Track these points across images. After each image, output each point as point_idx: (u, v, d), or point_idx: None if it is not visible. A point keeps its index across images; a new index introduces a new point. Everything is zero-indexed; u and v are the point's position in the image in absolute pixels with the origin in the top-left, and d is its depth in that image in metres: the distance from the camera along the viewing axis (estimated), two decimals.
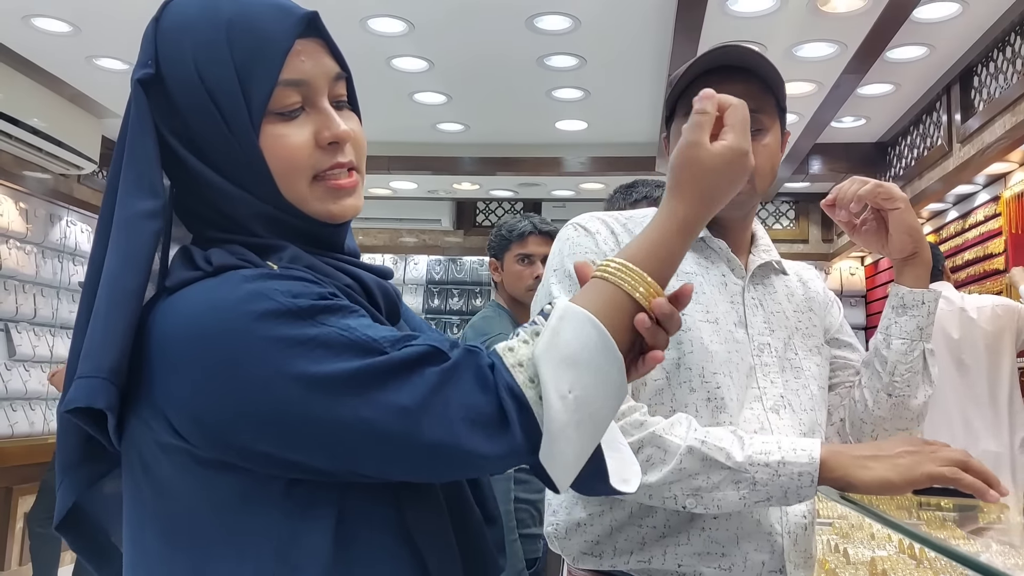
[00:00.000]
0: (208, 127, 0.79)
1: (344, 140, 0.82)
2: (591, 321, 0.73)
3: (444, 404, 0.70)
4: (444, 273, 7.46)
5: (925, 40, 3.88)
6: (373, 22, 3.78)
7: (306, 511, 0.75)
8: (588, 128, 5.24)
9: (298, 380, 0.69)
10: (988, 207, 4.61)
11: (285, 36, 0.78)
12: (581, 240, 1.28)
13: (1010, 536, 1.45)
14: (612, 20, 3.69)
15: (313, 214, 0.82)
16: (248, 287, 0.73)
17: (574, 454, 0.73)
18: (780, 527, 1.20)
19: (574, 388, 0.71)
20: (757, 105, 1.24)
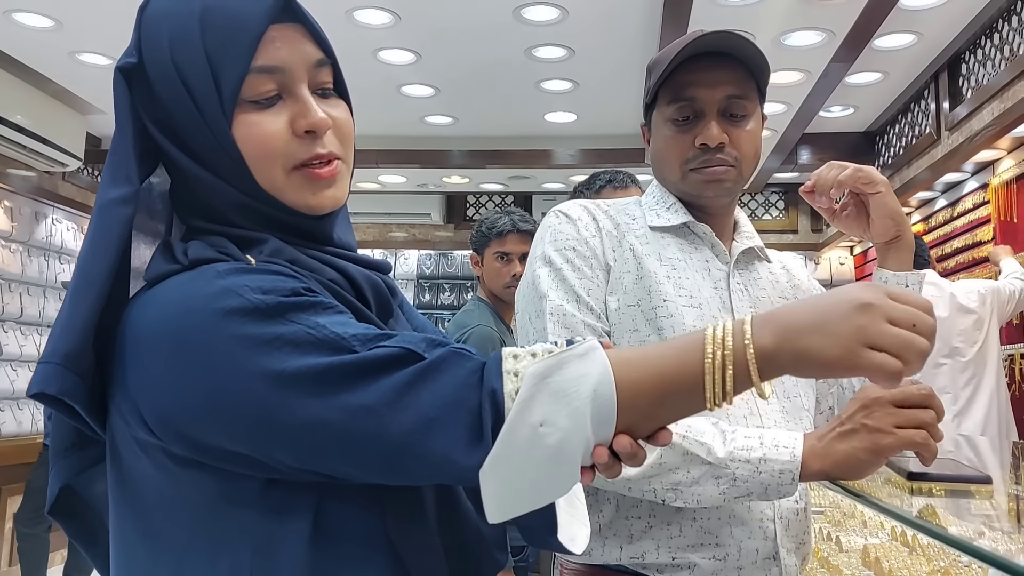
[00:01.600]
0: (185, 116, 0.77)
1: (321, 128, 0.79)
2: (606, 375, 0.67)
3: (414, 406, 0.67)
4: (435, 267, 7.44)
5: (912, 27, 3.88)
6: (359, 14, 3.75)
7: (283, 512, 0.73)
8: (577, 120, 5.22)
9: (262, 378, 0.68)
10: (977, 195, 4.62)
11: (258, 22, 0.76)
12: (563, 227, 1.26)
13: (1001, 522, 1.44)
14: (600, 10, 3.67)
15: (291, 204, 0.79)
16: (219, 283, 0.71)
17: (517, 488, 0.67)
18: (772, 513, 1.20)
19: (547, 424, 0.66)
20: (741, 91, 1.24)
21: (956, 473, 1.59)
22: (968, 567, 1.90)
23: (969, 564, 1.91)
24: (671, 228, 1.30)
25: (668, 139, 1.27)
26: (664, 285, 1.23)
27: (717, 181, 1.25)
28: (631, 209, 1.34)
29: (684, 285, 1.25)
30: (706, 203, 1.30)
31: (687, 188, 1.28)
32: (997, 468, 2.06)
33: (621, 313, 1.22)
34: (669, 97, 1.26)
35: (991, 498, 1.54)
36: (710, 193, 1.27)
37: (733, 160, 1.25)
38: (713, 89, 1.23)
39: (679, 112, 1.25)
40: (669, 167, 1.29)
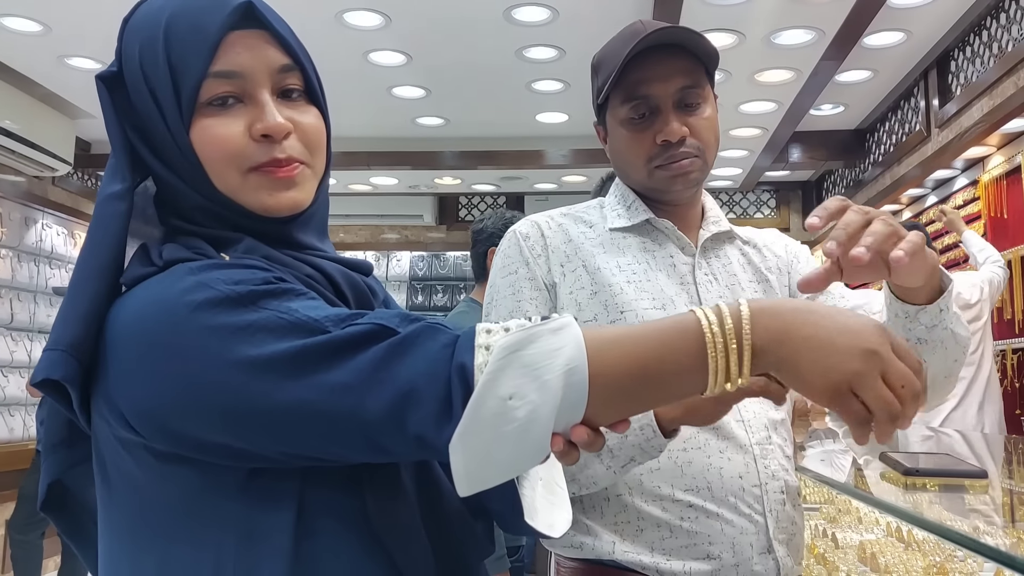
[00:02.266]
0: (151, 121, 0.80)
1: (277, 132, 0.79)
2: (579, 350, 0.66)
3: (390, 381, 0.67)
4: (427, 269, 7.43)
5: (902, 25, 3.90)
6: (349, 16, 3.74)
7: (266, 502, 0.74)
8: (569, 120, 5.22)
9: (238, 365, 0.69)
10: (967, 191, 4.65)
11: (217, 28, 0.78)
12: (510, 251, 1.29)
13: (996, 516, 1.45)
14: (590, 10, 3.68)
15: (249, 207, 0.80)
16: (191, 279, 0.73)
17: (485, 461, 0.66)
18: (762, 507, 1.20)
19: (516, 397, 0.65)
20: (693, 80, 1.24)
21: (951, 468, 1.60)
22: (963, 561, 1.91)
23: (965, 559, 1.92)
24: (632, 227, 1.30)
25: (628, 139, 1.26)
26: (623, 294, 1.23)
27: (684, 175, 1.25)
28: (591, 214, 1.34)
29: (646, 288, 1.25)
30: (673, 197, 1.29)
31: (654, 185, 1.27)
32: (992, 463, 2.07)
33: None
34: (622, 97, 1.25)
35: (986, 492, 1.55)
36: (678, 187, 1.26)
37: (696, 150, 1.25)
38: (666, 83, 1.22)
39: (634, 111, 1.24)
40: (633, 167, 1.28)
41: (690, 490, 1.18)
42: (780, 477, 1.22)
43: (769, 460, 1.22)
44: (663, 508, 1.18)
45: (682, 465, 1.19)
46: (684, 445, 1.20)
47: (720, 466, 1.19)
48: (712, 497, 1.18)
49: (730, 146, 5.39)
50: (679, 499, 1.18)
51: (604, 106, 1.29)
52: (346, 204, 6.83)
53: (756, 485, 1.20)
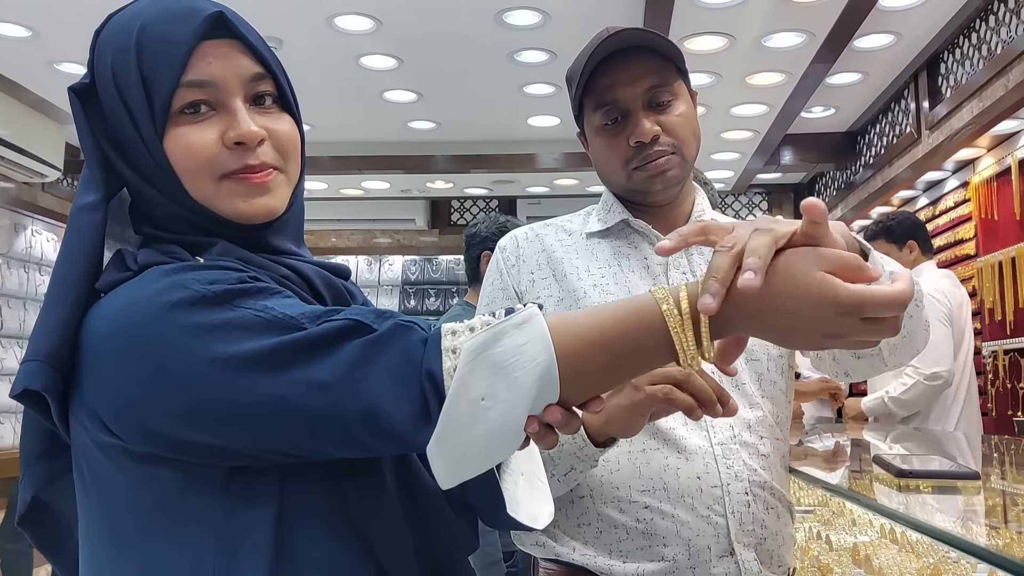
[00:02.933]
0: (125, 132, 0.81)
1: (250, 140, 0.80)
2: (545, 343, 0.67)
3: (366, 378, 0.68)
4: (420, 273, 7.42)
5: (892, 28, 3.91)
6: (340, 20, 3.74)
7: (246, 500, 0.74)
8: (561, 123, 5.22)
9: (215, 363, 0.69)
10: (958, 193, 4.66)
11: (188, 38, 0.79)
12: (492, 264, 1.35)
13: (989, 517, 1.45)
14: (581, 14, 3.68)
15: (223, 214, 0.81)
16: (165, 280, 0.74)
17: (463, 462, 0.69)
18: (723, 508, 1.18)
19: (488, 398, 0.66)
20: (660, 79, 1.24)
21: (943, 469, 1.60)
22: (957, 563, 1.91)
23: (958, 560, 1.92)
24: (609, 230, 1.32)
25: (603, 145, 1.28)
26: (588, 298, 1.25)
27: (661, 173, 1.25)
28: (575, 222, 1.37)
29: (612, 291, 1.26)
30: (655, 198, 1.29)
31: (635, 186, 1.28)
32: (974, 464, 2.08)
33: None
34: (593, 104, 1.27)
35: (978, 493, 1.55)
36: (657, 186, 1.27)
37: (671, 147, 1.25)
38: (633, 85, 1.23)
39: (606, 116, 1.26)
40: (612, 171, 1.29)
41: (646, 491, 1.18)
42: (744, 477, 1.20)
43: (732, 460, 1.20)
44: (620, 510, 1.19)
45: (640, 466, 1.19)
46: (644, 446, 1.20)
47: (677, 467, 1.19)
48: (668, 498, 1.17)
49: (722, 148, 5.40)
50: (636, 500, 1.18)
51: (581, 116, 1.32)
52: (338, 209, 6.81)
53: (716, 486, 1.18)
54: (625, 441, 1.19)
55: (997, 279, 4.10)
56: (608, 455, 1.18)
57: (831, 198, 6.18)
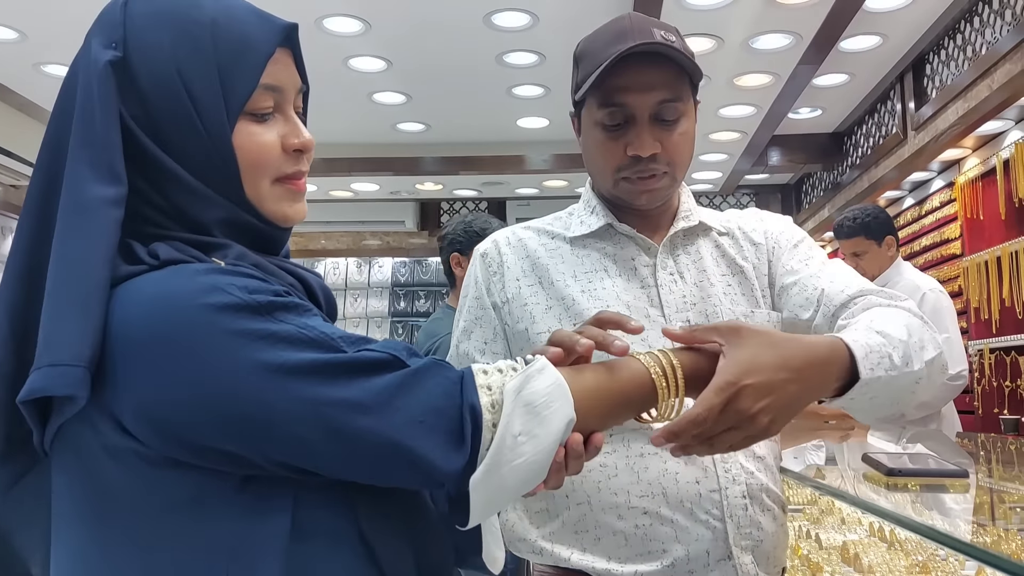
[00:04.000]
0: (178, 120, 0.78)
1: (309, 149, 0.86)
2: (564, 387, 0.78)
3: (405, 408, 0.72)
4: (409, 275, 7.41)
5: (877, 29, 3.94)
6: (329, 22, 3.73)
7: (260, 509, 0.74)
8: (550, 125, 5.23)
9: (258, 371, 0.69)
10: (943, 193, 4.70)
11: (268, 42, 0.82)
12: (472, 270, 1.34)
13: (977, 515, 1.47)
14: (569, 15, 3.69)
15: (268, 214, 0.84)
16: (203, 279, 0.72)
17: (497, 494, 0.75)
18: (721, 512, 1.18)
19: (524, 434, 0.74)
20: (673, 94, 1.19)
21: (933, 468, 1.61)
22: (945, 560, 1.93)
23: (947, 558, 1.93)
24: (594, 233, 1.29)
25: (599, 143, 1.23)
26: (577, 304, 1.23)
27: (649, 192, 1.23)
28: (557, 224, 1.34)
29: (601, 296, 1.23)
30: (638, 209, 1.28)
31: (620, 194, 1.26)
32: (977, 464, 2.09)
33: (532, 343, 1.23)
34: (599, 100, 1.21)
35: (967, 491, 1.57)
36: (643, 202, 1.25)
37: (666, 167, 1.22)
38: (645, 95, 1.18)
39: (609, 117, 1.21)
40: (600, 172, 1.26)
41: (645, 496, 1.17)
42: (742, 481, 1.19)
43: (730, 463, 1.19)
44: (619, 516, 1.18)
45: (638, 471, 1.18)
46: (642, 451, 1.18)
47: (676, 471, 1.18)
48: (667, 503, 1.17)
49: (710, 150, 5.43)
50: (635, 506, 1.17)
51: (581, 102, 1.26)
52: (327, 210, 6.80)
53: (714, 490, 1.18)
54: (623, 447, 1.19)
55: (983, 278, 4.13)
56: (606, 461, 1.18)
57: (818, 198, 6.22)
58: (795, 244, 1.31)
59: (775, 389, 0.88)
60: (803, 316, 1.23)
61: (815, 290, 1.23)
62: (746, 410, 0.86)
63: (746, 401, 0.86)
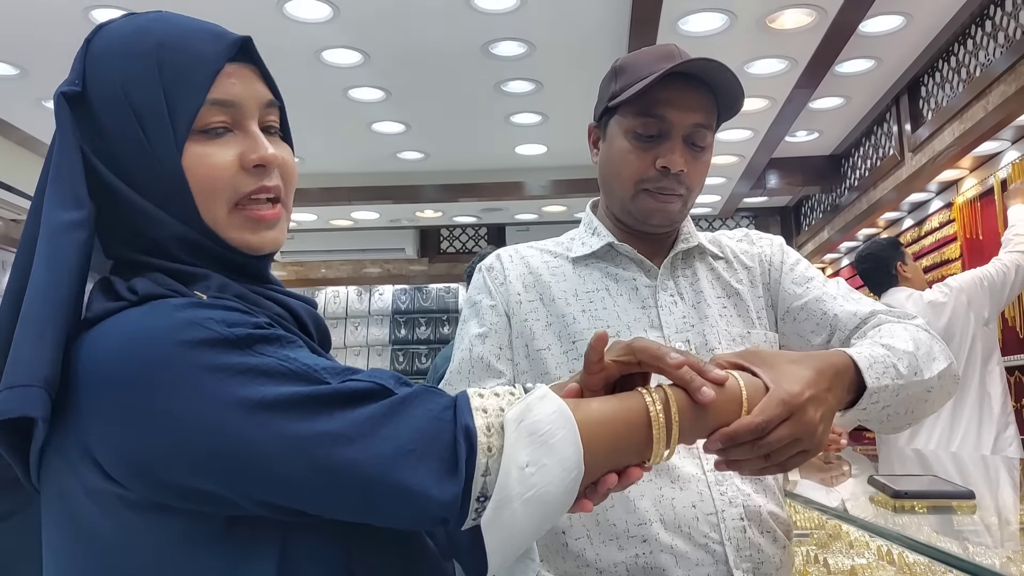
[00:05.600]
0: (131, 145, 0.77)
1: (270, 163, 0.80)
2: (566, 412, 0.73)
3: (391, 436, 0.68)
4: (410, 302, 7.41)
5: (872, 53, 3.97)
6: (328, 54, 3.77)
7: (247, 551, 0.71)
8: (548, 152, 5.26)
9: (237, 407, 0.66)
10: (942, 214, 4.71)
11: (216, 57, 0.79)
12: (477, 283, 1.33)
13: (985, 536, 1.45)
14: (566, 43, 3.73)
15: (230, 242, 0.80)
16: (180, 315, 0.70)
17: (512, 534, 0.71)
18: (719, 535, 1.17)
19: (532, 464, 0.70)
20: (707, 120, 1.22)
21: (939, 489, 1.60)
22: None
23: None
24: (595, 254, 1.30)
25: (626, 152, 1.24)
26: (576, 324, 1.24)
27: (665, 212, 1.24)
28: (559, 246, 1.35)
29: (601, 316, 1.24)
30: (646, 228, 1.28)
31: (633, 208, 1.25)
32: (984, 485, 2.08)
33: (531, 359, 1.25)
34: (637, 109, 1.21)
35: (973, 513, 1.55)
36: (655, 221, 1.26)
37: (685, 190, 1.24)
38: (685, 113, 1.20)
39: (645, 128, 1.21)
40: (621, 182, 1.26)
41: (643, 524, 1.16)
42: (739, 503, 1.18)
43: (725, 486, 1.19)
44: (619, 547, 1.17)
45: (634, 500, 1.17)
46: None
47: (672, 496, 1.17)
48: (664, 529, 1.16)
49: (708, 173, 5.44)
50: (633, 535, 1.16)
51: (612, 110, 1.26)
52: (327, 239, 6.82)
53: (711, 513, 1.17)
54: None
55: None
56: None
57: (817, 220, 6.23)
58: (791, 267, 1.32)
59: (824, 400, 0.89)
60: (815, 341, 1.26)
61: (824, 315, 1.25)
62: (812, 421, 0.86)
63: (811, 411, 0.86)
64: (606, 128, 1.29)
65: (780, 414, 0.83)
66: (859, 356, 1.02)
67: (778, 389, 0.85)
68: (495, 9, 3.41)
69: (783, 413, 0.84)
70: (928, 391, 1.10)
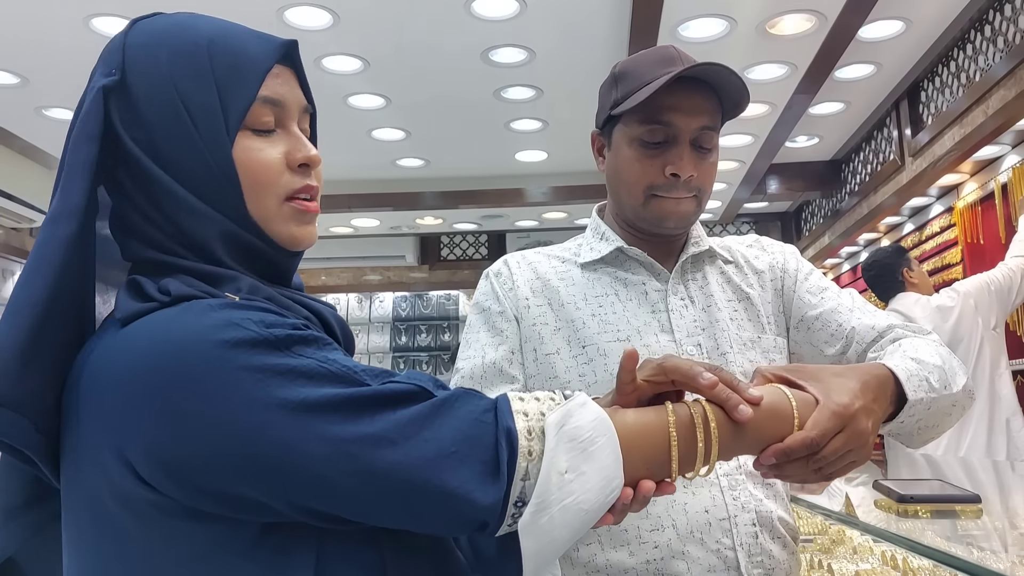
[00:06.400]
0: (178, 138, 0.76)
1: (315, 163, 0.82)
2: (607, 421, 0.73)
3: (434, 439, 0.67)
4: (411, 309, 7.41)
5: (872, 58, 3.97)
6: (328, 61, 3.77)
7: (282, 560, 0.70)
8: (548, 158, 5.27)
9: (279, 408, 0.65)
10: (943, 218, 4.71)
11: (267, 57, 0.80)
12: (484, 288, 1.32)
13: (992, 540, 1.44)
14: (566, 50, 3.73)
15: (275, 236, 0.80)
16: (217, 315, 0.69)
17: (549, 541, 0.70)
18: (731, 540, 1.16)
19: (571, 471, 0.69)
20: (713, 122, 1.22)
21: (943, 493, 1.59)
22: None
23: None
24: (604, 258, 1.29)
25: (633, 160, 1.23)
26: (586, 328, 1.23)
27: (679, 213, 1.23)
28: (567, 252, 1.34)
29: (611, 320, 1.24)
30: (660, 231, 1.27)
31: (646, 214, 1.25)
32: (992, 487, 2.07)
33: (539, 363, 1.24)
34: (642, 116, 1.21)
35: (979, 517, 1.55)
36: (670, 224, 1.25)
37: (697, 192, 1.23)
38: (691, 117, 1.20)
39: (651, 135, 1.21)
40: (630, 190, 1.25)
41: (656, 530, 1.16)
42: (751, 508, 1.18)
43: (739, 491, 1.18)
44: (630, 552, 1.16)
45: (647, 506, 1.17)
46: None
47: (685, 502, 1.16)
48: (677, 534, 1.15)
49: None
50: (645, 541, 1.16)
51: (615, 118, 1.26)
52: (328, 247, 6.81)
53: (724, 518, 1.16)
54: None
55: None
56: None
57: (818, 225, 6.23)
58: (806, 276, 1.33)
59: (872, 411, 0.91)
60: (828, 352, 1.26)
61: (840, 327, 1.26)
62: (864, 431, 0.88)
63: (862, 422, 0.88)
64: (611, 136, 1.28)
65: (834, 427, 0.85)
66: (897, 369, 1.04)
67: (829, 402, 0.86)
68: (495, 16, 3.42)
69: (837, 426, 0.85)
70: (953, 405, 1.12)
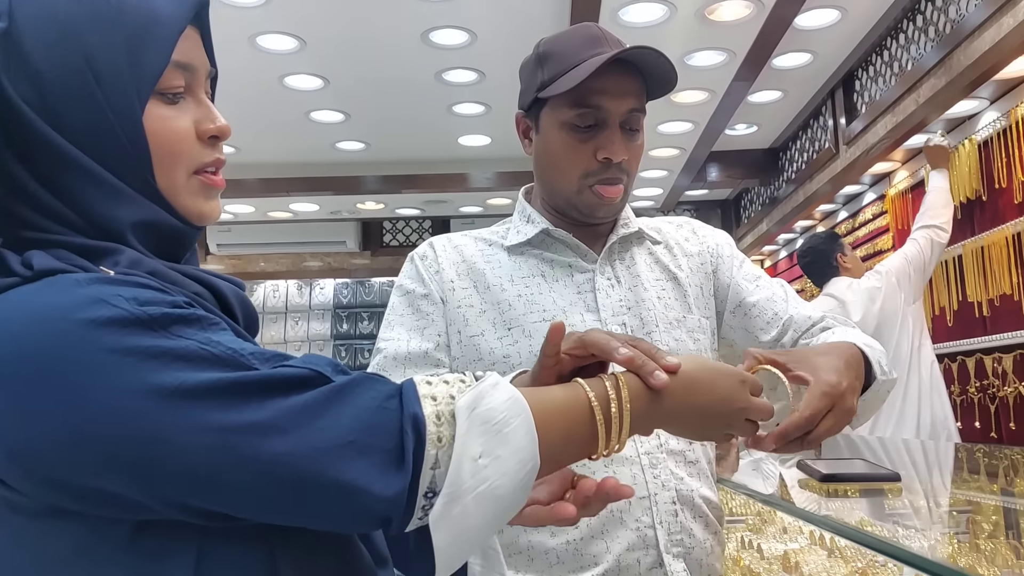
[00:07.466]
0: (79, 99, 0.68)
1: (226, 135, 0.77)
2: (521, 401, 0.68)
3: (330, 427, 0.61)
4: (352, 296, 7.32)
5: (808, 47, 4.03)
6: (263, 39, 3.68)
7: (158, 560, 0.64)
8: (492, 143, 5.23)
9: (151, 395, 0.59)
10: (875, 206, 4.82)
11: (180, 16, 0.73)
12: (409, 271, 1.31)
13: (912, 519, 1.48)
14: (508, 33, 3.70)
15: (182, 209, 0.75)
16: (83, 292, 0.62)
17: (464, 533, 0.64)
18: (651, 519, 1.17)
19: (485, 455, 0.64)
20: (640, 104, 1.23)
21: (866, 472, 1.62)
22: (884, 566, 1.94)
23: (885, 563, 1.95)
24: (531, 241, 1.29)
25: (566, 145, 1.22)
26: (512, 310, 1.23)
27: (611, 206, 1.24)
28: (494, 235, 1.34)
29: (537, 301, 1.23)
30: (590, 220, 1.27)
31: (580, 201, 1.24)
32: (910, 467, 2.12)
33: (463, 346, 1.23)
34: (572, 100, 1.19)
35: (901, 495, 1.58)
36: (602, 214, 1.26)
37: (626, 176, 1.24)
38: (620, 100, 1.19)
39: (581, 119, 1.20)
40: (564, 176, 1.24)
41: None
42: (671, 487, 1.18)
43: (659, 469, 1.19)
44: (552, 533, 1.16)
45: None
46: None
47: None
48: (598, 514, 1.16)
49: (650, 166, 5.48)
50: None
51: (542, 101, 1.23)
52: (266, 232, 6.68)
53: (644, 496, 1.17)
54: None
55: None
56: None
57: (756, 213, 6.33)
58: (741, 263, 1.36)
59: (856, 389, 0.99)
60: (763, 338, 1.29)
61: (776, 314, 1.29)
62: (851, 409, 0.95)
63: (849, 400, 0.95)
64: (538, 119, 1.26)
65: (824, 406, 0.91)
66: (866, 349, 1.10)
67: (819, 382, 0.92)
68: None
69: (827, 405, 0.91)
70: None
